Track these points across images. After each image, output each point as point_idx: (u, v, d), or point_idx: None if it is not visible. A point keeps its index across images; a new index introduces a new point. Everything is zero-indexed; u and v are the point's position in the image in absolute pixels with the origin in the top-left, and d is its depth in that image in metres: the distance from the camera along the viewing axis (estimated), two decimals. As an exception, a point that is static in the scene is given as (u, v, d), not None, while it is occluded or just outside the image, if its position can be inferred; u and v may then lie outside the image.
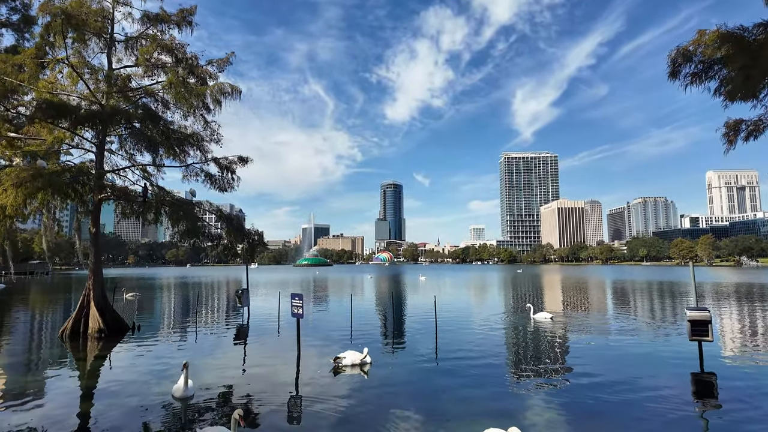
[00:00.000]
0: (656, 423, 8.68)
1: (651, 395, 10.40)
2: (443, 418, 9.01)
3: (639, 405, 9.74)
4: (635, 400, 10.06)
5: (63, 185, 15.97)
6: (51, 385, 11.70)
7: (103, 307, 18.90)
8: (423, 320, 22.79)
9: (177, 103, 19.37)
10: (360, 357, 13.30)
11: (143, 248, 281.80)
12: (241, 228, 21.07)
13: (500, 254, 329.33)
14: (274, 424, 8.62)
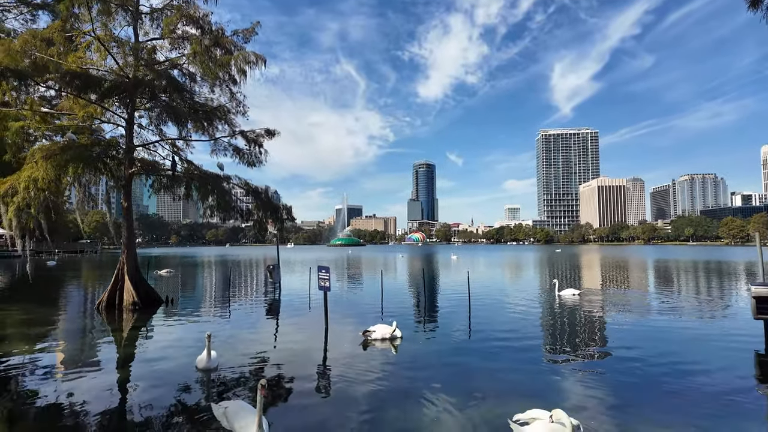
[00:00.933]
0: (714, 407, 7.69)
1: (706, 378, 9.34)
2: (477, 394, 8.34)
3: (693, 387, 8.73)
4: (688, 383, 9.03)
5: (93, 158, 16.01)
6: (85, 354, 11.79)
7: (136, 281, 19.19)
8: (455, 298, 22.05)
9: (203, 75, 19.05)
10: (390, 330, 12.86)
11: (185, 229, 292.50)
12: (269, 202, 20.78)
13: (536, 234, 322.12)
14: (300, 396, 8.16)
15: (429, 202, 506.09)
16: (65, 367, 10.43)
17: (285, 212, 21.24)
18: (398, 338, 12.89)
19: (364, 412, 7.27)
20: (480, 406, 7.82)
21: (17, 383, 9.23)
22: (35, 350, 12.11)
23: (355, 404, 7.66)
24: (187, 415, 7.44)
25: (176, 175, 19.48)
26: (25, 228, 17.47)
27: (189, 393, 8.54)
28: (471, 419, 7.24)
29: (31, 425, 7.17)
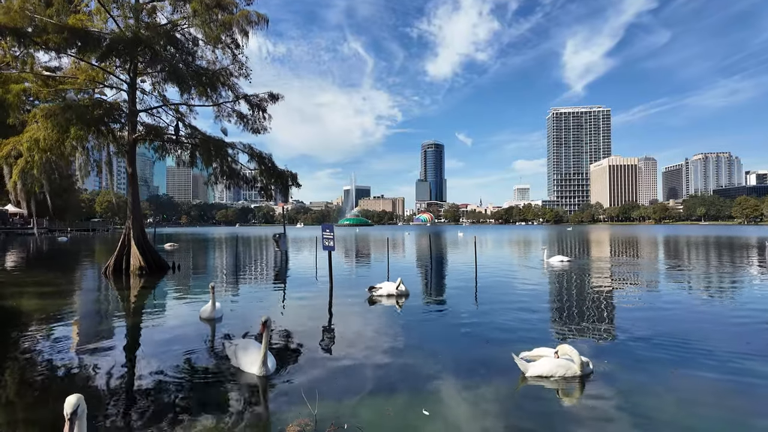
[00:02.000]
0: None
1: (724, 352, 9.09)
2: (480, 341, 8.20)
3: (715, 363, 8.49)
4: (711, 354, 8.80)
5: (95, 120, 15.81)
6: (90, 308, 11.85)
7: (143, 246, 19.23)
8: (460, 265, 21.90)
9: (205, 37, 18.64)
10: (394, 286, 12.77)
11: (195, 209, 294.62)
12: (274, 167, 20.55)
13: (545, 214, 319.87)
14: (305, 352, 7.84)
15: (437, 183, 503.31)
16: (63, 324, 10.46)
17: (290, 179, 20.99)
18: (405, 295, 12.79)
19: (367, 363, 7.11)
20: (486, 348, 7.68)
21: (24, 338, 9.27)
22: (40, 309, 12.19)
23: (359, 356, 7.49)
24: (192, 363, 7.37)
25: (179, 139, 19.27)
26: (30, 191, 17.47)
27: (194, 340, 8.50)
28: (475, 360, 7.09)
29: (38, 379, 7.14)
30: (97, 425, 4.80)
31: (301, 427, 4.76)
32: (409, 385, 6.02)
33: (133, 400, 5.57)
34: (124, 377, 6.44)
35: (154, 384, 6.11)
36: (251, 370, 6.34)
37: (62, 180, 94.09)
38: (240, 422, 4.93)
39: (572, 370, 6.10)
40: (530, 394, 5.76)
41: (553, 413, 5.21)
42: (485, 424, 4.91)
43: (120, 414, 5.16)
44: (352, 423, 4.85)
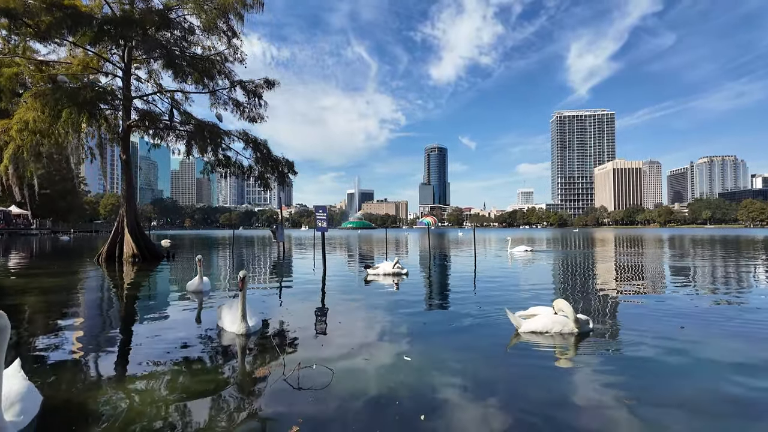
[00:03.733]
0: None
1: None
2: (473, 305, 7.84)
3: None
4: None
5: (86, 102, 15.58)
6: (86, 297, 11.59)
7: (137, 234, 18.96)
8: (457, 260, 21.54)
9: (199, 22, 18.45)
10: (391, 266, 12.46)
11: (198, 212, 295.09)
12: (269, 155, 20.30)
13: (549, 218, 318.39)
14: (291, 319, 7.47)
15: (441, 186, 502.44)
16: (61, 308, 10.19)
17: (286, 166, 20.72)
18: (402, 275, 12.47)
19: (351, 326, 6.79)
20: (480, 311, 7.32)
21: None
22: (33, 295, 11.96)
23: (343, 320, 7.15)
24: (177, 329, 7.07)
25: (174, 126, 19.05)
26: (23, 177, 17.24)
27: (181, 310, 8.21)
28: (467, 319, 6.74)
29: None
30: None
31: (270, 369, 4.56)
32: (391, 339, 5.71)
33: (123, 357, 5.25)
34: (114, 337, 6.13)
35: (141, 346, 5.82)
36: (232, 329, 6.14)
37: (66, 182, 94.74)
38: (215, 375, 4.64)
39: (569, 326, 5.72)
40: (522, 351, 5.39)
41: (542, 369, 4.78)
42: (468, 374, 4.54)
43: (108, 362, 4.84)
44: (323, 365, 4.52)
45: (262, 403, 3.84)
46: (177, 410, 3.68)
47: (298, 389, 4.05)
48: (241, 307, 6.03)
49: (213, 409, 3.71)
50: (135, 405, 3.76)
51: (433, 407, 3.70)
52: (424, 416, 3.52)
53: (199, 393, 4.04)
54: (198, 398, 3.92)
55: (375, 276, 12.45)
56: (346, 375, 4.45)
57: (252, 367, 4.80)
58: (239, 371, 4.74)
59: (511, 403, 3.80)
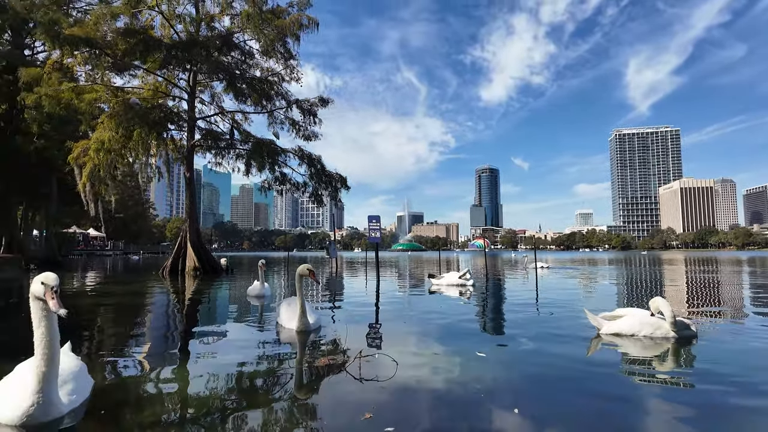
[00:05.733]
0: None
1: None
2: (545, 311, 7.18)
3: None
4: None
5: (155, 122, 16.59)
6: (150, 304, 12.04)
7: (198, 248, 19.68)
8: (517, 277, 20.53)
9: (258, 45, 19.30)
10: (457, 276, 11.94)
11: (256, 235, 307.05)
12: (323, 170, 20.58)
13: (611, 240, 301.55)
14: (358, 331, 7.14)
15: (493, 208, 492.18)
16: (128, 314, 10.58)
17: (339, 182, 20.91)
18: (469, 285, 11.92)
19: (415, 327, 6.43)
20: (550, 317, 6.69)
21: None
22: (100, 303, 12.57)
23: (408, 322, 6.77)
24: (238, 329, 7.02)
25: (234, 144, 19.85)
26: (98, 193, 18.49)
27: (245, 315, 8.23)
28: (540, 324, 6.15)
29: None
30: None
31: (329, 360, 4.42)
32: (460, 337, 5.35)
33: (185, 352, 5.25)
34: (174, 333, 6.15)
35: (203, 344, 5.90)
36: (291, 326, 6.05)
37: (137, 207, 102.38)
38: (276, 366, 4.48)
39: (662, 330, 4.98)
40: (604, 353, 4.74)
41: (625, 378, 4.12)
42: (548, 373, 4.02)
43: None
44: (386, 355, 4.19)
45: (326, 392, 3.63)
46: (239, 401, 3.50)
47: (360, 380, 3.75)
48: (300, 304, 5.89)
49: (276, 399, 3.50)
50: (197, 395, 3.61)
51: (522, 401, 3.30)
52: (518, 410, 3.09)
53: (262, 384, 3.88)
54: (260, 390, 3.75)
55: (438, 286, 12.02)
56: (413, 368, 4.14)
57: (312, 359, 4.65)
58: (299, 362, 4.58)
59: (596, 406, 3.25)
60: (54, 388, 2.95)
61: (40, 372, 2.85)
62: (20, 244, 26.22)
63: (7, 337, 6.53)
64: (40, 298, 2.88)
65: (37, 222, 34.60)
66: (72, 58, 17.49)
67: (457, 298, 10.30)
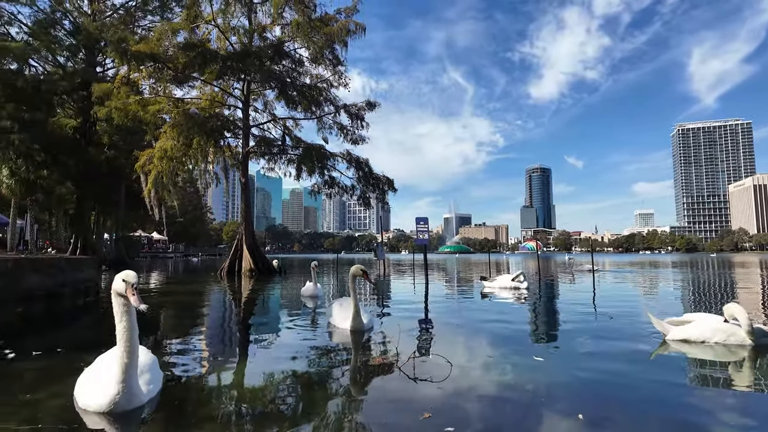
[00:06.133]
0: None
1: None
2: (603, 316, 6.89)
3: None
4: None
5: (213, 130, 17.50)
6: (208, 302, 12.71)
7: (253, 250, 20.50)
8: (574, 279, 19.75)
9: (308, 53, 19.87)
10: (510, 279, 11.71)
11: (306, 238, 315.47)
12: (370, 173, 20.84)
13: (675, 242, 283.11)
14: (411, 333, 7.06)
15: (545, 209, 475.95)
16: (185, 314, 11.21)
17: (386, 184, 21.09)
18: (522, 289, 11.65)
19: (468, 328, 6.36)
20: (609, 322, 6.41)
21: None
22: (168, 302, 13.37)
23: (469, 333, 6.67)
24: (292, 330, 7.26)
25: (286, 150, 20.55)
26: (161, 199, 19.76)
27: (299, 315, 8.53)
28: (597, 329, 5.91)
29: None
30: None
31: (383, 359, 4.45)
32: (515, 341, 5.26)
33: (243, 351, 5.50)
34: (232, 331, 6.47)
35: (258, 343, 6.19)
36: (345, 326, 6.12)
37: (196, 211, 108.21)
38: (330, 365, 4.60)
39: (737, 337, 4.63)
40: (670, 361, 4.47)
41: (696, 386, 3.85)
42: (611, 381, 3.85)
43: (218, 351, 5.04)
44: (440, 356, 4.17)
45: (382, 391, 3.68)
46: (296, 398, 3.59)
47: (414, 380, 3.77)
48: (354, 305, 5.97)
49: (332, 397, 3.57)
50: (254, 391, 3.74)
51: (586, 408, 3.17)
52: (582, 416, 2.99)
53: (318, 382, 3.97)
54: (317, 387, 3.83)
55: (491, 289, 11.82)
56: (467, 369, 4.10)
57: (366, 358, 4.71)
58: (354, 361, 4.65)
59: (666, 415, 3.08)
60: (135, 378, 3.17)
61: (122, 363, 3.06)
62: (93, 247, 28.41)
63: (88, 332, 7.12)
64: (121, 295, 3.11)
65: (107, 226, 37.32)
66: (138, 72, 18.85)
67: (510, 301, 10.08)
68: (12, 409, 3.24)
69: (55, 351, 5.10)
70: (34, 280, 8.05)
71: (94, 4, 26.75)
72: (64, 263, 9.58)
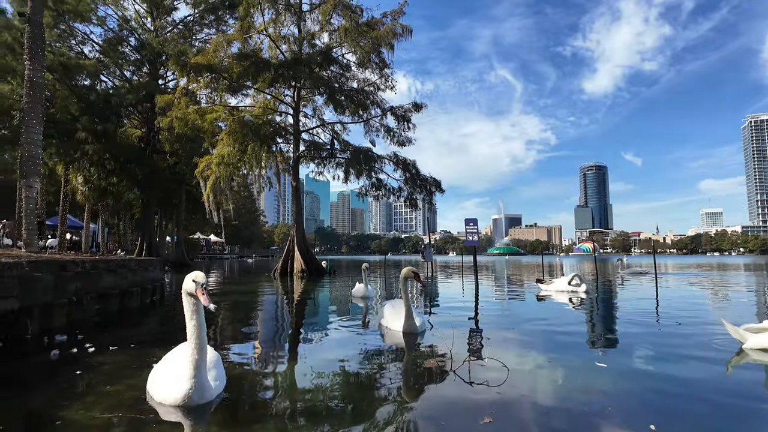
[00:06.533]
0: None
1: None
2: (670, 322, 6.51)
3: None
4: None
5: (266, 136, 18.21)
6: (262, 301, 13.22)
7: (304, 252, 21.08)
8: (634, 283, 18.75)
9: (355, 58, 20.20)
10: (566, 282, 11.36)
11: (353, 239, 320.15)
12: (417, 174, 20.84)
13: (747, 243, 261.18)
14: (464, 337, 7.05)
15: (601, 209, 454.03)
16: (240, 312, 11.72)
17: (434, 185, 21.01)
18: (580, 292, 11.26)
19: (525, 334, 6.23)
20: (676, 328, 6.06)
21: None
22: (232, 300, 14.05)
23: (526, 338, 6.53)
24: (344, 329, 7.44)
25: (334, 153, 21.00)
26: (219, 203, 20.79)
27: (350, 315, 8.77)
28: (665, 336, 5.60)
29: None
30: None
31: (437, 362, 4.44)
32: (576, 346, 5.11)
33: (294, 351, 5.76)
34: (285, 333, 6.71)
35: (311, 343, 6.32)
36: (397, 328, 6.14)
37: (250, 215, 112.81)
38: (383, 367, 4.63)
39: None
40: (748, 371, 4.17)
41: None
42: (684, 390, 3.64)
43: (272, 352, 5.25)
44: (491, 357, 4.11)
45: (438, 394, 3.65)
46: (350, 399, 3.64)
47: (470, 383, 3.73)
48: (406, 306, 5.97)
49: (387, 399, 3.59)
50: (309, 393, 3.81)
51: (659, 419, 3.01)
52: (654, 426, 2.86)
53: (372, 384, 4.01)
54: (370, 388, 3.88)
55: (547, 292, 11.50)
56: (525, 374, 4.03)
57: (420, 361, 4.70)
58: (407, 363, 4.67)
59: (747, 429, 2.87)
60: (205, 374, 3.34)
61: (194, 359, 3.22)
62: (157, 249, 30.32)
63: (157, 328, 7.62)
64: (191, 294, 3.30)
65: (169, 229, 39.67)
66: (196, 83, 19.97)
67: (567, 305, 9.74)
68: (95, 398, 3.53)
69: (129, 346, 5.50)
70: (109, 280, 8.70)
71: (157, 21, 28.61)
72: (134, 264, 10.28)
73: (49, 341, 5.70)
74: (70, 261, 7.85)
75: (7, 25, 20.31)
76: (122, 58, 27.19)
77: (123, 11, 27.85)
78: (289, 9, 20.52)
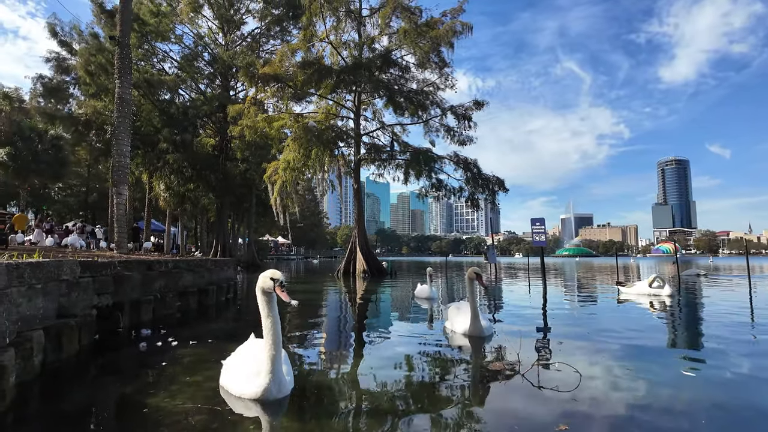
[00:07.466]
0: None
1: None
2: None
3: None
4: None
5: (328, 141, 18.75)
6: (327, 299, 13.66)
7: (366, 253, 21.43)
8: (721, 286, 17.12)
9: (414, 59, 20.24)
10: (647, 285, 10.72)
11: (413, 240, 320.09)
12: (479, 174, 20.44)
13: None
14: (533, 341, 6.79)
15: (682, 206, 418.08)
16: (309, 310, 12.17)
17: (496, 184, 20.50)
18: (664, 296, 10.56)
19: (613, 349, 5.93)
20: None
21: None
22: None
23: (599, 342, 6.23)
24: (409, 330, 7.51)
25: (395, 155, 21.15)
26: (285, 206, 21.72)
27: (414, 316, 8.84)
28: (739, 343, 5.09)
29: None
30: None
31: (504, 365, 4.38)
32: (658, 353, 4.85)
33: (359, 352, 6.00)
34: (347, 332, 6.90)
35: (375, 344, 6.39)
36: (462, 330, 6.05)
37: (314, 217, 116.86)
38: (449, 369, 4.60)
39: None
40: None
41: None
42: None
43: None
44: (562, 362, 3.98)
45: (506, 399, 3.57)
46: (416, 403, 3.61)
47: (540, 388, 3.62)
48: (472, 309, 5.87)
49: (455, 402, 3.55)
50: (374, 394, 3.82)
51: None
52: None
53: (439, 386, 3.98)
54: (438, 391, 3.85)
55: (628, 295, 10.91)
56: (599, 380, 3.82)
57: (486, 364, 4.64)
58: (474, 367, 4.61)
59: None
60: (281, 368, 3.47)
61: (271, 355, 3.35)
62: (231, 250, 32.25)
63: (232, 324, 8.12)
64: (267, 292, 3.44)
65: (240, 231, 42.01)
66: (263, 93, 21.02)
67: (648, 309, 9.11)
68: (177, 387, 3.83)
69: (207, 341, 5.90)
70: (188, 279, 9.41)
71: (227, 35, 30.47)
72: (210, 264, 11.04)
73: (136, 335, 6.28)
74: (155, 261, 8.58)
75: (100, 48, 22.61)
76: (197, 72, 29.24)
77: (198, 29, 29.99)
78: (350, 15, 21.00)
